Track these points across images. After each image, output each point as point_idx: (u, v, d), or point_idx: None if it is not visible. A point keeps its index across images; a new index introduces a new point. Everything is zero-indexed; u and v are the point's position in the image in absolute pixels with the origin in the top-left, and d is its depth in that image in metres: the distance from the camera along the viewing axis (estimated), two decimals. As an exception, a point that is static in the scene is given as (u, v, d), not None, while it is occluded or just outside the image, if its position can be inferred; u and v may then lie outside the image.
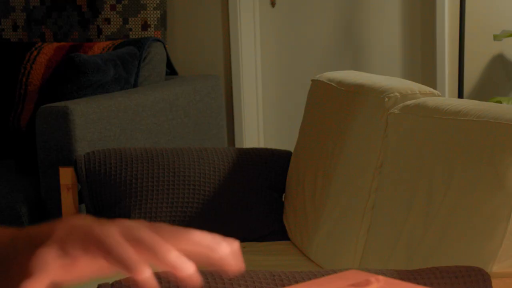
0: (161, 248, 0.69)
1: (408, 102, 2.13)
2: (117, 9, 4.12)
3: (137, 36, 4.07)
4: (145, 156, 2.66)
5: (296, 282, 1.51)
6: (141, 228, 0.71)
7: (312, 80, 2.69)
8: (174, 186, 2.63)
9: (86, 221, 0.74)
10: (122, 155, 2.67)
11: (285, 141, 4.10)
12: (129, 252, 0.69)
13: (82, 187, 2.66)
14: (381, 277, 0.80)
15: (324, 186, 2.41)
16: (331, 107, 2.48)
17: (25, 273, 0.70)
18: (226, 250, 0.72)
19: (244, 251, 2.50)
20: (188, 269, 0.70)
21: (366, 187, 2.18)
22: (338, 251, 2.27)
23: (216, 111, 3.84)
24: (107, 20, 4.14)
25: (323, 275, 1.49)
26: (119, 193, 2.62)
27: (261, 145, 4.24)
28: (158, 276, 1.47)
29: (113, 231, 0.70)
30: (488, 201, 1.73)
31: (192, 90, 3.69)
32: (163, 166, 2.64)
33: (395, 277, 1.53)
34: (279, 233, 2.69)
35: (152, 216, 2.59)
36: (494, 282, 1.60)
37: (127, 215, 2.59)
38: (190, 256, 0.72)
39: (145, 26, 4.08)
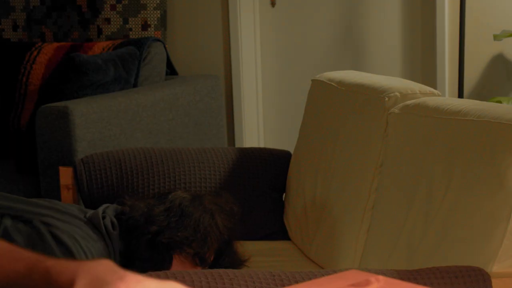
0: None
1: (408, 102, 2.13)
2: (117, 9, 4.12)
3: (137, 36, 4.07)
4: (144, 163, 2.65)
5: (296, 282, 1.51)
6: None
7: (312, 80, 2.68)
8: (174, 189, 2.62)
9: (110, 275, 0.72)
10: (121, 161, 2.65)
11: (285, 141, 4.09)
12: None
13: (82, 192, 2.65)
14: (381, 277, 0.80)
15: (324, 186, 2.41)
16: (331, 107, 2.48)
17: None
18: None
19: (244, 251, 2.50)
20: None
21: (366, 187, 2.18)
22: (338, 251, 2.26)
23: (216, 111, 3.84)
24: (107, 20, 4.14)
25: (323, 275, 1.49)
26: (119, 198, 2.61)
27: (261, 145, 4.24)
28: None
29: None
30: (488, 201, 1.73)
31: (192, 90, 3.69)
32: (163, 171, 2.64)
33: (395, 277, 1.53)
34: (280, 233, 2.68)
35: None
36: (494, 282, 1.60)
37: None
38: None
39: (145, 26, 4.08)
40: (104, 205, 2.28)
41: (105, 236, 2.13)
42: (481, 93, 3.72)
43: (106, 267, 0.74)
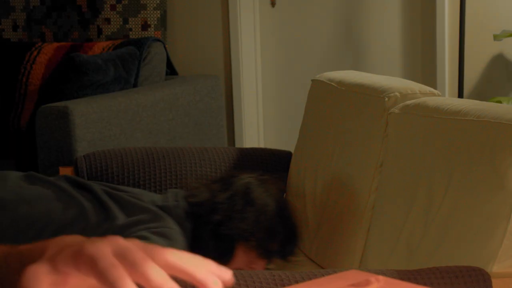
0: (152, 273, 0.68)
1: (408, 102, 2.13)
2: (117, 9, 4.12)
3: (137, 36, 4.07)
4: (146, 158, 2.66)
5: (296, 282, 1.51)
6: (134, 250, 0.70)
7: (312, 80, 2.68)
8: (175, 187, 2.62)
9: (78, 239, 0.73)
10: (123, 156, 2.66)
11: (285, 141, 4.09)
12: (122, 277, 0.67)
13: None
14: (381, 277, 0.80)
15: (324, 186, 2.41)
16: (331, 107, 2.48)
17: None
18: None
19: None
20: None
21: (366, 187, 2.18)
22: (338, 251, 2.26)
23: (216, 111, 3.84)
24: (107, 20, 4.14)
25: (323, 275, 1.49)
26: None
27: (261, 145, 4.24)
28: None
29: (106, 251, 0.69)
30: (488, 201, 1.73)
31: (192, 90, 3.69)
32: (164, 168, 2.64)
33: (395, 277, 1.53)
34: (279, 233, 2.68)
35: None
36: (494, 282, 1.60)
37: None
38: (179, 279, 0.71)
39: (145, 26, 4.08)
40: (172, 191, 2.26)
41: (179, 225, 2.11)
42: (481, 93, 3.72)
43: (76, 237, 0.75)
